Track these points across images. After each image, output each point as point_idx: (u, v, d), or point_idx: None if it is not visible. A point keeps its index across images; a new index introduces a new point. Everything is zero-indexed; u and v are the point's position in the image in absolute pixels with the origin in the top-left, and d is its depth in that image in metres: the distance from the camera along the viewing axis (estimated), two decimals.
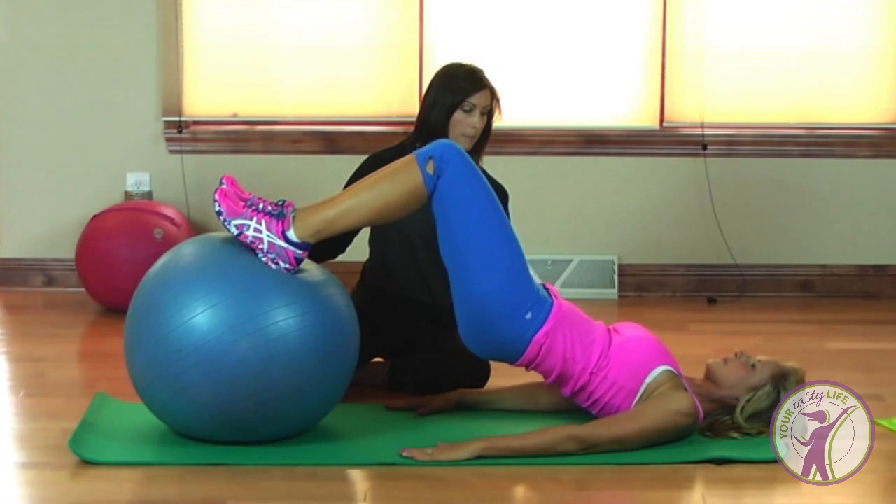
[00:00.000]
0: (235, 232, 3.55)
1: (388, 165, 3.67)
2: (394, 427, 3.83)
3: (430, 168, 3.58)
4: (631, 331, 3.80)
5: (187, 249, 3.66)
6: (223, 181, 3.61)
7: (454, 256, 3.65)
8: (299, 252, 3.56)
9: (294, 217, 3.56)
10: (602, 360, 3.68)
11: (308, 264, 3.67)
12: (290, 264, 3.56)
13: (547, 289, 3.77)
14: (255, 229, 3.54)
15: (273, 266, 3.55)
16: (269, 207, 3.57)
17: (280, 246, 3.54)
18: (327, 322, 3.57)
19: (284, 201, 3.60)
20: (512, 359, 3.71)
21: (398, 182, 3.59)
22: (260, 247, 3.55)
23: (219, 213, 3.56)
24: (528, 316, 3.63)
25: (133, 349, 3.60)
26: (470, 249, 3.62)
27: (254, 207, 3.56)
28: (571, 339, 3.67)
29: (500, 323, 3.62)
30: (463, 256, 3.63)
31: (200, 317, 3.46)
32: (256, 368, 3.46)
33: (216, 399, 3.49)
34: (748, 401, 3.71)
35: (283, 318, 3.49)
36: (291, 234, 3.54)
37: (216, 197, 3.56)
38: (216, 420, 3.54)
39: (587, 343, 3.69)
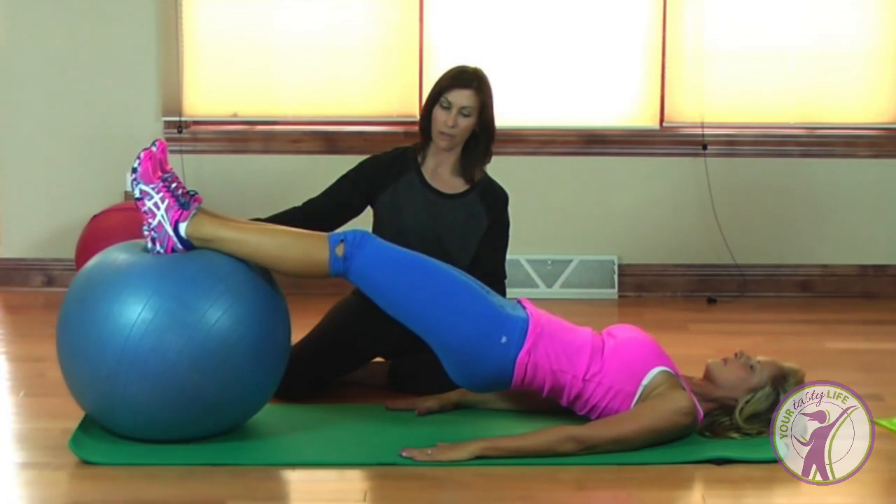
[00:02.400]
0: (137, 195, 3.63)
1: (306, 231, 3.73)
2: (394, 427, 3.83)
3: (339, 250, 3.64)
4: (625, 333, 3.80)
5: (84, 278, 3.65)
6: (155, 143, 3.67)
7: (406, 320, 3.70)
8: (179, 246, 3.63)
9: (194, 214, 3.62)
10: (594, 365, 3.68)
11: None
12: (166, 251, 3.62)
13: (521, 305, 3.77)
14: (156, 204, 3.61)
15: (149, 243, 3.63)
16: (180, 192, 3.64)
17: (166, 231, 3.61)
18: (253, 309, 3.58)
19: (195, 193, 3.67)
20: (504, 385, 3.72)
21: (301, 247, 3.67)
22: (149, 220, 3.62)
23: (134, 170, 3.62)
24: (504, 340, 3.64)
25: (73, 390, 3.66)
26: (416, 312, 3.67)
27: (166, 184, 3.63)
28: (555, 351, 3.67)
29: (480, 355, 3.64)
30: (414, 319, 3.68)
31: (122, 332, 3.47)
32: (189, 366, 3.48)
33: (164, 401, 3.50)
34: (747, 402, 3.71)
35: (217, 316, 3.50)
36: (182, 228, 3.61)
37: (141, 155, 3.63)
38: (174, 420, 3.55)
39: (572, 351, 3.68)
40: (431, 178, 4.28)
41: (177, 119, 5.93)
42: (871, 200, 6.04)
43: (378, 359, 4.35)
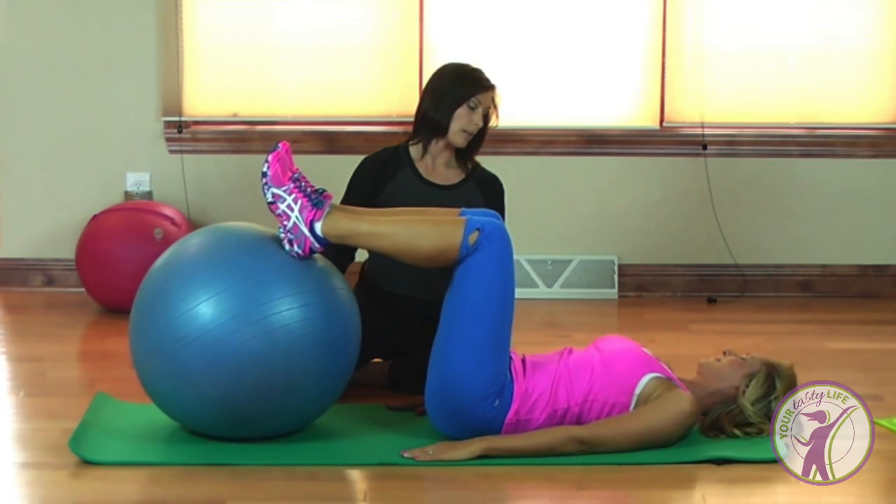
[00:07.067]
0: (270, 199, 3.59)
1: (437, 212, 3.68)
2: (394, 427, 3.84)
3: (472, 238, 3.56)
4: (611, 345, 3.77)
5: (195, 239, 3.69)
6: (279, 145, 3.62)
7: (452, 325, 3.63)
8: (317, 245, 3.59)
9: (329, 212, 3.58)
10: (588, 387, 3.65)
11: (314, 256, 3.68)
12: (304, 252, 3.59)
13: (511, 358, 3.72)
14: (289, 206, 3.58)
15: (287, 246, 3.59)
16: (310, 190, 3.60)
17: (302, 231, 3.57)
18: (330, 313, 3.59)
19: (324, 191, 3.62)
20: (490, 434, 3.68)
21: (437, 235, 3.58)
22: (284, 223, 3.58)
23: (264, 175, 3.58)
24: (496, 403, 3.62)
25: (138, 337, 3.62)
26: (469, 329, 3.60)
27: (297, 185, 3.59)
28: (545, 396, 3.65)
29: (469, 407, 3.60)
30: (460, 331, 3.61)
31: (204, 305, 3.48)
32: (258, 358, 3.48)
33: (218, 388, 3.50)
34: (747, 385, 3.71)
35: (287, 309, 3.51)
36: (318, 227, 3.57)
37: (269, 158, 3.58)
38: (217, 410, 3.55)
39: (564, 387, 3.65)
40: (426, 172, 4.32)
41: (177, 119, 5.93)
42: (871, 200, 6.04)
43: (378, 359, 4.35)
